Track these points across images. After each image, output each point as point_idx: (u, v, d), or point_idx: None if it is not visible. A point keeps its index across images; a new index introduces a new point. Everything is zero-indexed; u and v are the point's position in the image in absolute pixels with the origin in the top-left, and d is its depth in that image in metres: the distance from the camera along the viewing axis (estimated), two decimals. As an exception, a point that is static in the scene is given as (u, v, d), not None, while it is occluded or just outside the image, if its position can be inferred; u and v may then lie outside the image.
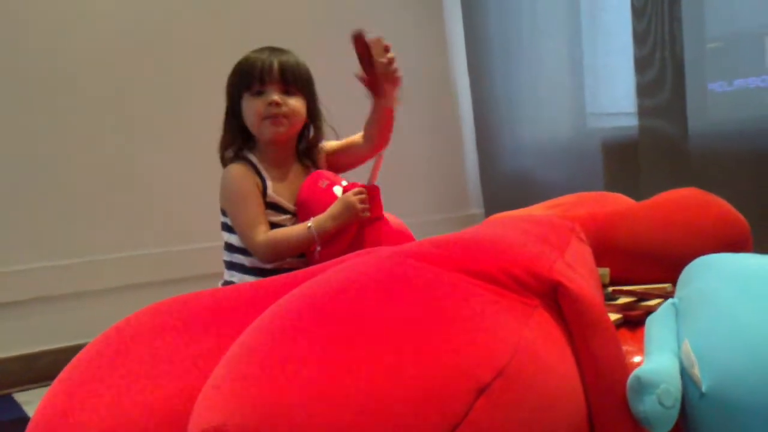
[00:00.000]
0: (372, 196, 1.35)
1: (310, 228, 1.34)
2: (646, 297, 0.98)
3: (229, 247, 1.42)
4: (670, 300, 0.80)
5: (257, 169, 1.41)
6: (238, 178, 1.39)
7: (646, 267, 1.09)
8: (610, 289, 1.01)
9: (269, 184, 1.40)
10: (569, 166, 2.30)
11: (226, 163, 1.44)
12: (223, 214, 1.43)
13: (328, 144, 1.52)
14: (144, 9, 2.08)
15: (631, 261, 1.10)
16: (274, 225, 1.39)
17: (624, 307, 0.95)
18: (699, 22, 1.93)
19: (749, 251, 1.10)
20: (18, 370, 1.90)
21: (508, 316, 0.63)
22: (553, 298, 0.69)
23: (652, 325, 0.77)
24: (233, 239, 1.41)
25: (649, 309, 0.92)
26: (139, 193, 2.07)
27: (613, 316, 0.90)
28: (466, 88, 2.64)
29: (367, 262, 0.69)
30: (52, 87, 1.96)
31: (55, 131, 1.96)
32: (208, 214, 1.73)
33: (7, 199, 1.90)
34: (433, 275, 0.65)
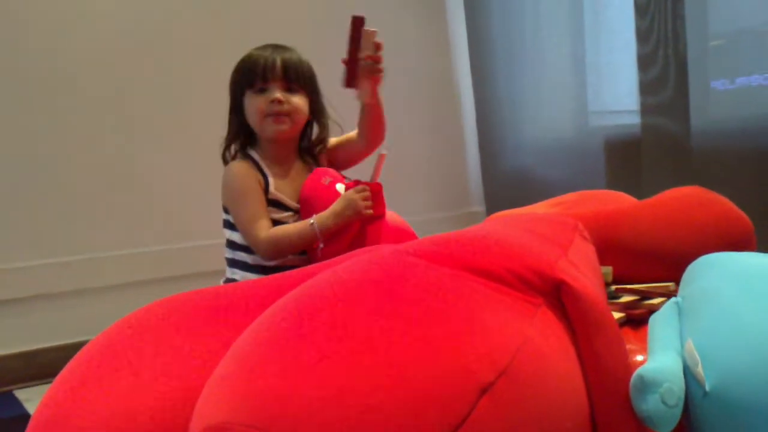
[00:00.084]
0: (375, 193, 1.34)
1: (313, 225, 1.34)
2: (648, 296, 0.98)
3: (231, 245, 1.42)
4: (673, 299, 0.80)
5: (259, 166, 1.41)
6: (240, 175, 1.39)
7: (648, 265, 1.09)
8: (613, 287, 1.01)
9: (271, 181, 1.40)
10: (571, 165, 2.29)
11: (228, 160, 1.44)
12: (225, 211, 1.43)
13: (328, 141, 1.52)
14: (144, 8, 2.08)
15: (633, 259, 1.10)
16: (276, 222, 1.39)
17: (627, 305, 0.95)
18: (702, 20, 1.92)
19: (752, 250, 1.10)
20: (19, 367, 1.90)
21: (511, 314, 0.63)
22: (557, 296, 0.69)
23: (656, 323, 0.77)
24: (235, 237, 1.41)
25: (652, 308, 0.92)
26: (139, 190, 2.07)
27: (616, 315, 0.90)
28: (468, 86, 2.64)
29: (369, 260, 0.69)
30: (52, 86, 1.96)
31: (56, 129, 1.96)
32: (209, 212, 1.73)
33: (8, 197, 1.90)
34: (435, 273, 0.65)
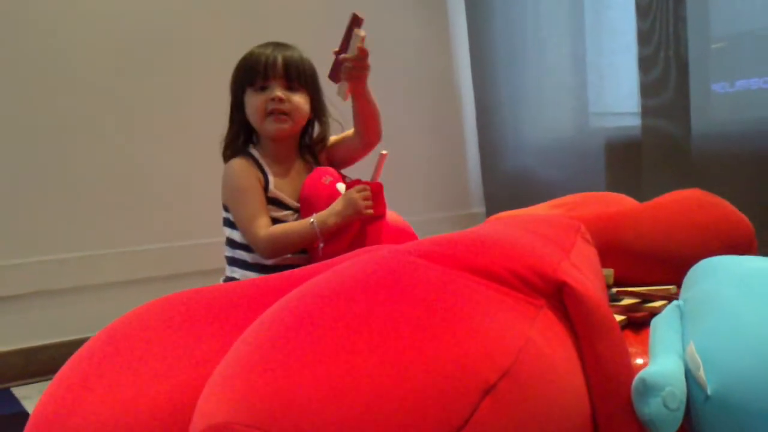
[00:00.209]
0: (375, 193, 1.34)
1: (313, 224, 1.33)
2: (650, 298, 0.97)
3: (231, 243, 1.42)
4: (674, 302, 0.80)
5: (259, 165, 1.40)
6: (240, 172, 1.38)
7: (650, 268, 1.09)
8: (615, 290, 1.01)
9: (271, 180, 1.40)
10: (571, 166, 2.29)
11: (228, 158, 1.43)
12: (225, 209, 1.42)
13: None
14: (144, 7, 2.07)
15: (635, 262, 1.10)
16: (275, 220, 1.38)
17: (628, 308, 0.95)
18: (704, 22, 1.92)
19: (754, 253, 1.10)
20: (17, 364, 1.90)
21: (513, 315, 0.63)
22: (559, 298, 0.69)
23: (657, 326, 0.76)
24: (235, 235, 1.40)
25: (654, 310, 0.92)
26: (139, 188, 2.07)
27: (618, 318, 0.90)
28: (468, 86, 2.64)
29: (371, 261, 0.69)
30: (53, 82, 1.95)
31: (56, 126, 1.95)
32: (209, 210, 1.73)
33: (8, 194, 1.89)
34: (438, 274, 0.65)
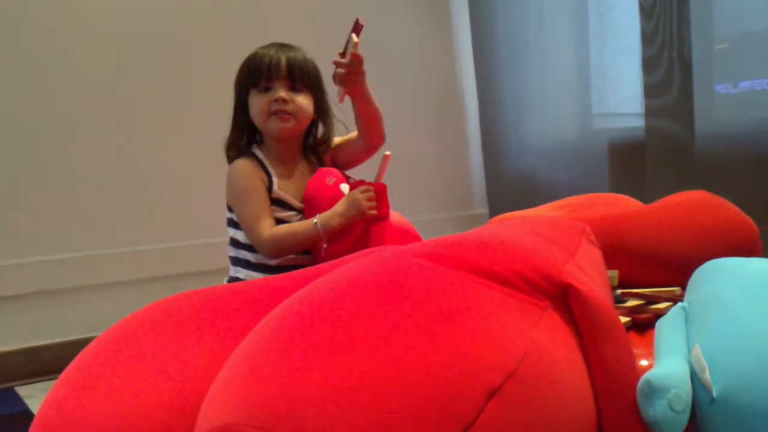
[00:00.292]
0: (379, 194, 1.34)
1: (316, 224, 1.33)
2: (654, 300, 0.97)
3: (235, 243, 1.42)
4: (680, 304, 0.80)
5: (263, 165, 1.40)
6: (244, 173, 1.38)
7: (654, 269, 1.09)
8: (619, 291, 1.01)
9: (275, 181, 1.40)
10: (575, 167, 2.29)
11: (232, 158, 1.43)
12: (229, 209, 1.42)
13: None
14: (145, 7, 2.07)
15: (639, 263, 1.10)
16: (279, 221, 1.38)
17: (633, 309, 0.94)
18: (707, 23, 1.92)
19: (758, 254, 1.09)
20: (20, 363, 1.90)
21: (518, 317, 0.63)
22: (564, 299, 0.69)
23: (662, 328, 0.76)
24: (239, 235, 1.40)
25: (658, 312, 0.92)
26: (140, 188, 2.07)
27: (622, 319, 0.89)
28: (472, 87, 2.64)
29: (375, 262, 0.69)
30: (53, 82, 1.95)
31: (56, 126, 1.95)
32: (209, 210, 1.73)
33: (9, 193, 1.90)
34: (442, 275, 0.65)
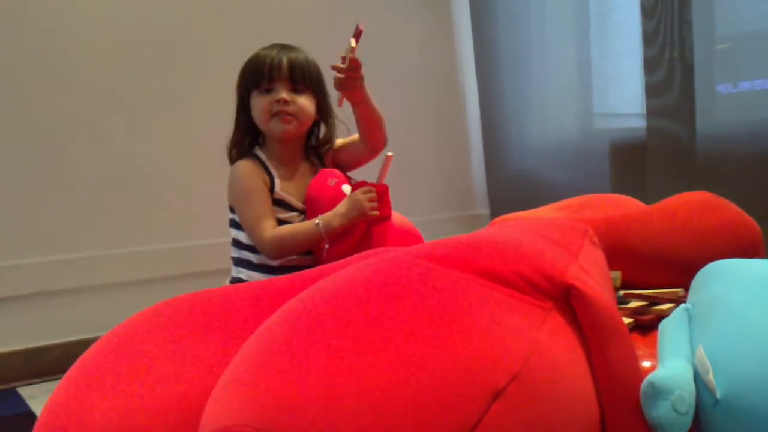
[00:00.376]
0: (381, 195, 1.34)
1: (318, 225, 1.33)
2: (657, 301, 0.97)
3: (237, 244, 1.42)
4: (683, 305, 0.80)
5: (265, 166, 1.41)
6: (246, 174, 1.39)
7: (657, 271, 1.09)
8: (622, 292, 1.01)
9: (277, 182, 1.40)
10: (576, 167, 2.29)
11: (234, 159, 1.43)
12: (231, 210, 1.42)
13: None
14: (146, 7, 2.07)
15: (642, 264, 1.10)
16: (281, 222, 1.39)
17: (635, 311, 0.94)
18: (709, 23, 1.92)
19: (761, 256, 1.09)
20: (21, 364, 1.90)
21: (521, 318, 0.63)
22: (567, 301, 0.68)
23: (666, 330, 0.76)
24: (241, 236, 1.40)
25: (661, 313, 0.92)
26: (140, 188, 2.07)
27: (625, 320, 0.89)
28: (473, 87, 2.64)
29: (379, 264, 0.69)
30: (53, 82, 1.95)
31: (56, 126, 1.95)
32: (210, 211, 1.73)
33: (10, 194, 1.90)
34: (445, 277, 0.65)
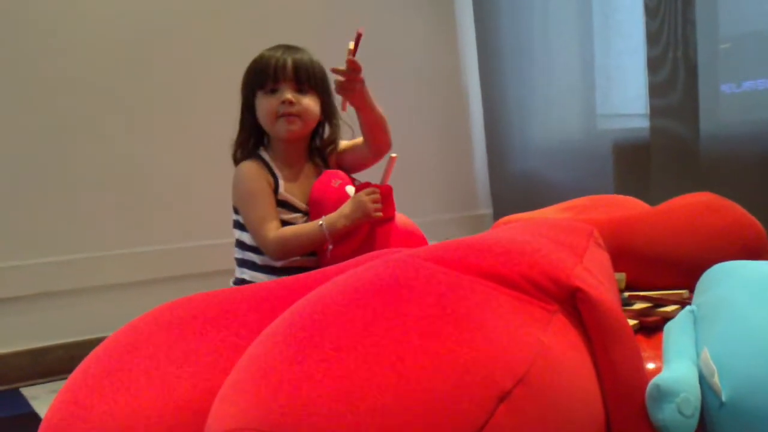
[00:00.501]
0: (384, 196, 1.34)
1: (322, 226, 1.33)
2: (662, 303, 0.97)
3: (241, 245, 1.42)
4: (688, 307, 0.80)
5: (270, 167, 1.41)
6: (250, 175, 1.39)
7: (661, 272, 1.09)
8: (626, 294, 1.01)
9: (281, 183, 1.40)
10: (579, 168, 2.29)
11: (239, 160, 1.43)
12: (235, 211, 1.42)
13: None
14: (146, 7, 2.07)
15: (647, 266, 1.10)
16: (285, 223, 1.39)
17: (640, 312, 0.94)
18: (713, 23, 1.92)
19: (766, 257, 1.09)
20: (25, 364, 1.90)
21: (527, 321, 0.63)
22: (572, 303, 0.68)
23: (671, 332, 0.76)
24: (245, 237, 1.41)
25: (666, 315, 0.92)
26: (140, 189, 2.07)
27: (630, 322, 0.89)
28: (476, 88, 2.64)
29: (384, 266, 0.69)
30: (53, 82, 1.94)
31: (56, 126, 1.95)
32: (211, 211, 1.73)
33: (10, 194, 1.90)
34: (451, 279, 0.65)
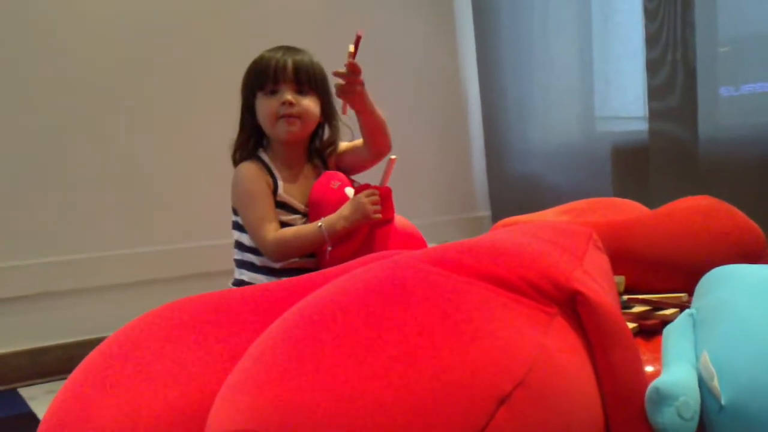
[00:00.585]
0: (384, 197, 1.34)
1: (321, 227, 1.34)
2: (661, 306, 0.97)
3: (240, 246, 1.42)
4: (687, 310, 0.80)
5: (269, 168, 1.41)
6: (249, 176, 1.39)
7: (661, 276, 1.09)
8: (626, 297, 1.01)
9: (280, 184, 1.40)
10: (578, 170, 2.29)
11: (238, 161, 1.43)
12: (234, 212, 1.42)
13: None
14: (146, 7, 2.07)
15: (646, 269, 1.10)
16: (284, 224, 1.39)
17: (639, 315, 0.95)
18: (711, 26, 1.92)
19: (765, 261, 1.09)
20: (23, 365, 1.90)
21: (527, 323, 0.63)
22: (572, 306, 0.68)
23: (670, 335, 0.76)
24: (244, 238, 1.40)
25: (665, 318, 0.92)
26: (140, 189, 2.07)
27: (629, 325, 0.89)
28: (475, 90, 2.64)
29: (383, 268, 0.69)
30: (53, 82, 1.95)
31: (56, 126, 1.95)
32: (211, 212, 1.72)
33: (10, 194, 1.90)
34: (451, 282, 0.65)
